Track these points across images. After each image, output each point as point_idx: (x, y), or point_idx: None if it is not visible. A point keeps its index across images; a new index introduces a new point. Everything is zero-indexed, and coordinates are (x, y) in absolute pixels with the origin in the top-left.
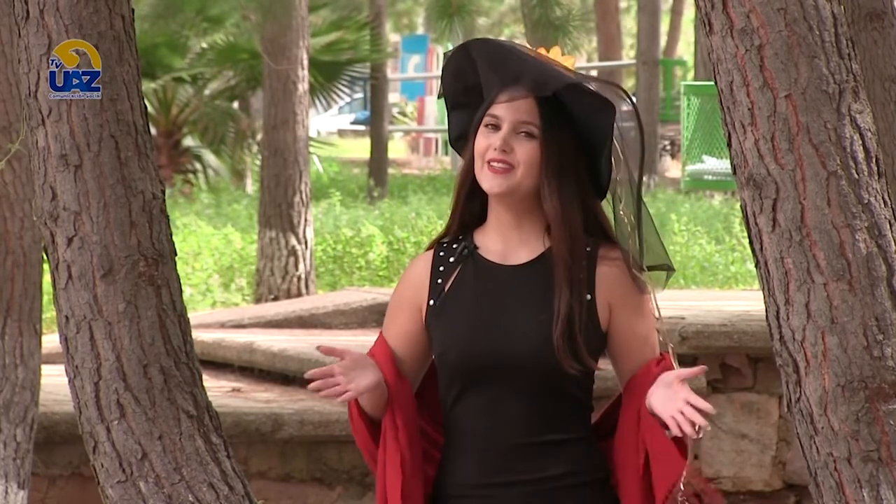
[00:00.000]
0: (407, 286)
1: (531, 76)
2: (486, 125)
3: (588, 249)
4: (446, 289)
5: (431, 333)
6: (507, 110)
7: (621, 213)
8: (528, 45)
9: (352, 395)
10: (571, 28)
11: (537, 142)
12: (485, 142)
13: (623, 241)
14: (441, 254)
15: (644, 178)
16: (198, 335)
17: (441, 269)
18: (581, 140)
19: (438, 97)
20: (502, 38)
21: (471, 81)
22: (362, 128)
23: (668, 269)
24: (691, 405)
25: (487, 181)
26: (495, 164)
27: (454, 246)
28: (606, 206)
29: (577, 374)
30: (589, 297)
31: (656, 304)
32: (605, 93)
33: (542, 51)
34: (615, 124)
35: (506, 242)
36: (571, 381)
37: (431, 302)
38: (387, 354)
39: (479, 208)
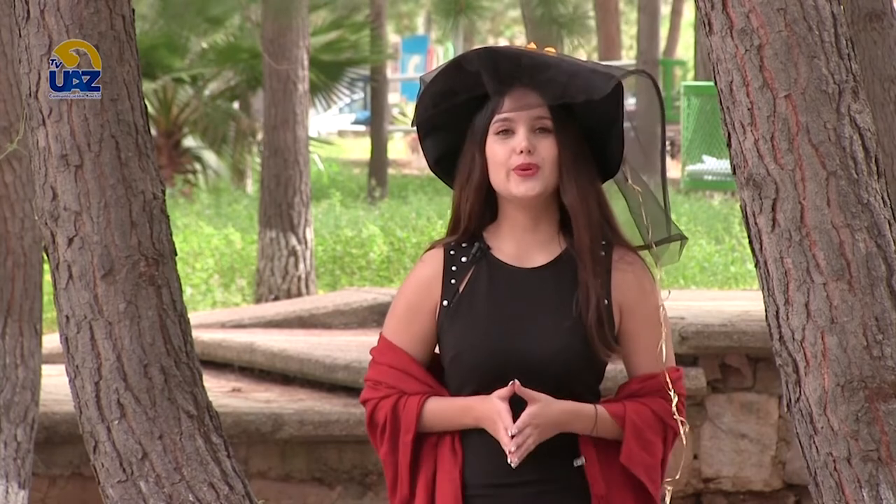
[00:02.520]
0: (419, 287)
1: (554, 84)
2: (497, 132)
3: (602, 253)
4: (460, 289)
5: (443, 335)
6: (520, 112)
7: (632, 187)
8: (527, 44)
9: None
10: (576, 26)
11: (553, 135)
12: (503, 148)
13: (638, 218)
14: (452, 253)
15: (645, 177)
16: (198, 335)
17: (454, 268)
18: (584, 125)
19: (412, 123)
20: (503, 38)
21: (460, 98)
22: (362, 128)
23: (682, 238)
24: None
25: (519, 187)
26: (523, 168)
27: (464, 245)
28: (610, 188)
29: (602, 365)
30: (606, 301)
31: (658, 282)
32: (617, 72)
33: (532, 46)
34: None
35: (520, 245)
36: (583, 384)
37: (445, 303)
38: (420, 367)
39: (489, 212)
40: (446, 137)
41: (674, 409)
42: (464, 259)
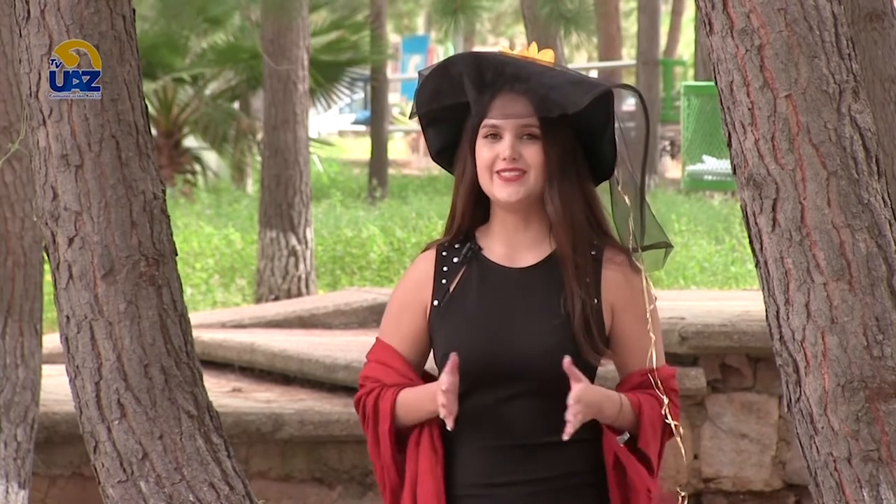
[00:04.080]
0: (410, 287)
1: (534, 94)
2: (486, 136)
3: (593, 253)
4: (451, 290)
5: (434, 334)
6: (508, 118)
7: (619, 192)
8: (527, 45)
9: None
10: (582, 21)
11: (540, 142)
12: (489, 152)
13: (621, 222)
14: (444, 254)
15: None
16: (198, 335)
17: (445, 269)
18: (577, 129)
19: (410, 117)
20: (503, 38)
21: (447, 101)
22: (363, 128)
23: (667, 246)
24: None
25: (502, 191)
26: (506, 172)
27: (456, 246)
28: (603, 190)
29: (591, 371)
30: (595, 301)
31: (646, 287)
32: (600, 85)
33: (524, 52)
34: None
35: (511, 245)
36: None
37: (436, 302)
38: (403, 361)
39: (481, 212)
40: (447, 129)
41: (665, 411)
42: (455, 259)
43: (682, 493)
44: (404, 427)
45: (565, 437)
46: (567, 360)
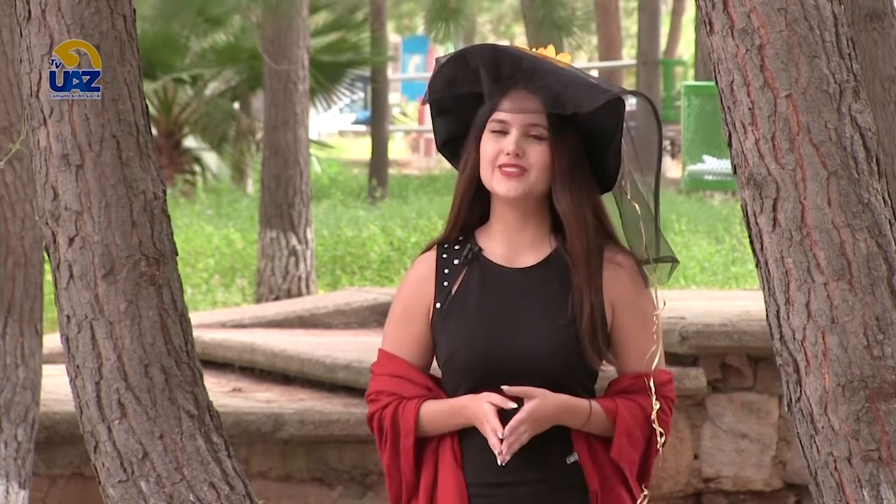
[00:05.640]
0: (412, 290)
1: (548, 91)
2: (492, 130)
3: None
4: (453, 291)
5: (437, 336)
6: (515, 115)
7: (630, 203)
8: (527, 46)
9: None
10: (575, 28)
11: (547, 143)
12: (494, 147)
13: (631, 234)
14: (444, 255)
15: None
16: (199, 335)
17: (446, 271)
18: (584, 136)
19: (423, 103)
20: (504, 39)
21: (463, 90)
22: (363, 128)
23: (674, 260)
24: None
25: (501, 185)
26: (508, 168)
27: (456, 247)
28: (609, 200)
29: (593, 372)
30: (598, 299)
31: (656, 297)
32: (615, 89)
33: (542, 51)
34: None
35: (511, 245)
36: (578, 382)
37: (438, 305)
38: (417, 371)
39: (481, 210)
40: (456, 120)
41: (654, 416)
42: (456, 261)
43: (645, 493)
44: (424, 437)
45: (501, 463)
46: (505, 389)
